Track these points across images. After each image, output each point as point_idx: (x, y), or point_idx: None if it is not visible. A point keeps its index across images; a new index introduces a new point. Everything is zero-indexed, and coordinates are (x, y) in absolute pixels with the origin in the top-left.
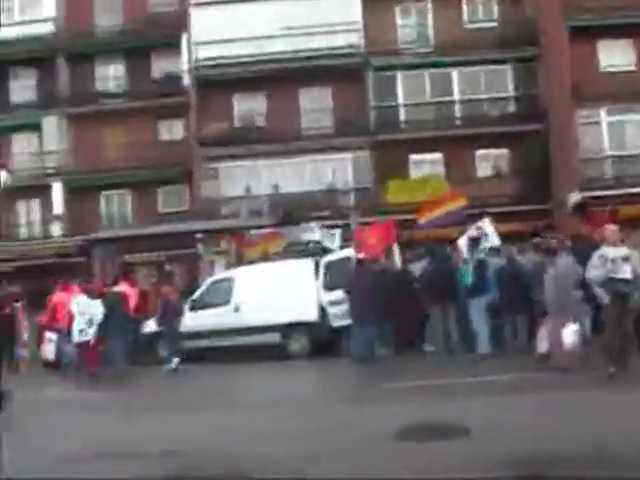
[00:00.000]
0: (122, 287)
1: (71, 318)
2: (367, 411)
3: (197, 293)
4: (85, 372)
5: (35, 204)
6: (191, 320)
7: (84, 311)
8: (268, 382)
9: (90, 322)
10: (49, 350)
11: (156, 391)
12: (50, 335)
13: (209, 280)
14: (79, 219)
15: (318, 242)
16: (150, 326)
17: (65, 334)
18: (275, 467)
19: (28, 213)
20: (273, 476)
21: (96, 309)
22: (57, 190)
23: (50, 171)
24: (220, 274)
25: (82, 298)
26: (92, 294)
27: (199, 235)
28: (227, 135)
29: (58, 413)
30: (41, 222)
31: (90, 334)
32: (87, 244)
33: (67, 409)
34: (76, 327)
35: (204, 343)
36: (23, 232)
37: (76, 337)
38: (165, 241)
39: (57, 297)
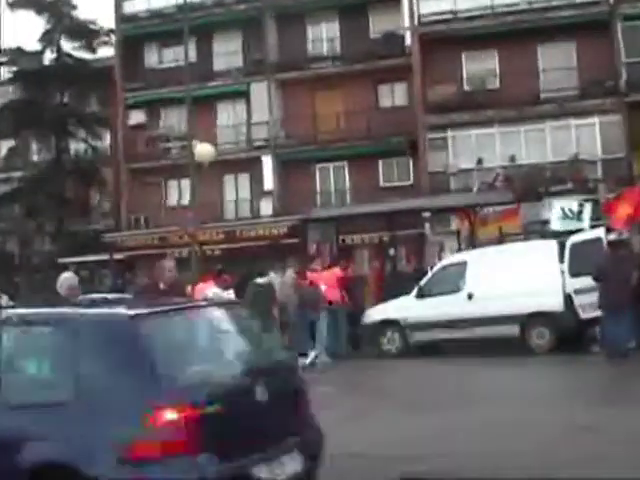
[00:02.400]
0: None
1: None
2: (616, 415)
3: (425, 279)
4: None
5: (243, 180)
6: (418, 309)
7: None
8: (504, 380)
9: None
10: None
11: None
12: None
13: (438, 264)
14: (292, 196)
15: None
16: (372, 316)
17: None
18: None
19: (236, 190)
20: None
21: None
22: (267, 164)
23: (259, 143)
24: (450, 257)
25: (214, 289)
26: (224, 284)
27: (426, 213)
28: (456, 100)
29: None
30: (250, 200)
31: None
32: (301, 224)
33: None
34: None
35: (433, 335)
36: (230, 211)
37: None
38: (387, 220)
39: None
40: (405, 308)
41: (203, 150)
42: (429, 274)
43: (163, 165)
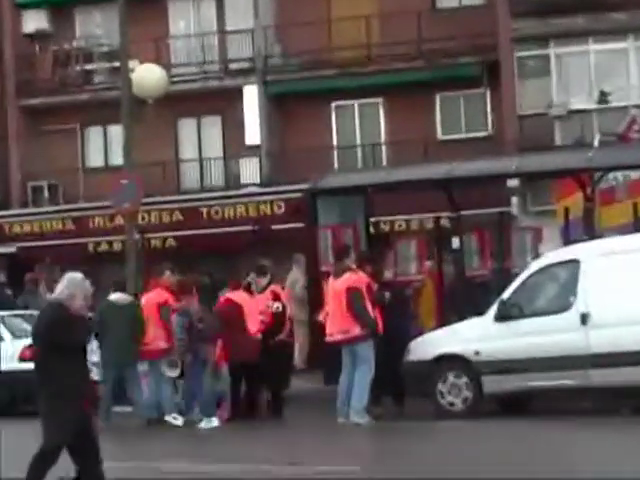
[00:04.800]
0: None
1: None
2: None
3: (510, 289)
4: None
5: (212, 126)
6: (499, 338)
7: None
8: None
9: None
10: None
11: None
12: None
13: (532, 265)
14: (292, 153)
15: None
16: (423, 349)
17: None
18: None
19: (200, 143)
20: None
21: None
22: (252, 100)
23: (238, 65)
24: (553, 254)
25: None
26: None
27: (513, 182)
28: None
29: None
30: (223, 159)
31: None
32: (307, 198)
33: None
34: None
35: (523, 381)
36: (191, 177)
37: None
38: (449, 193)
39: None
40: (478, 337)
41: (147, 76)
42: (517, 281)
43: (80, 101)
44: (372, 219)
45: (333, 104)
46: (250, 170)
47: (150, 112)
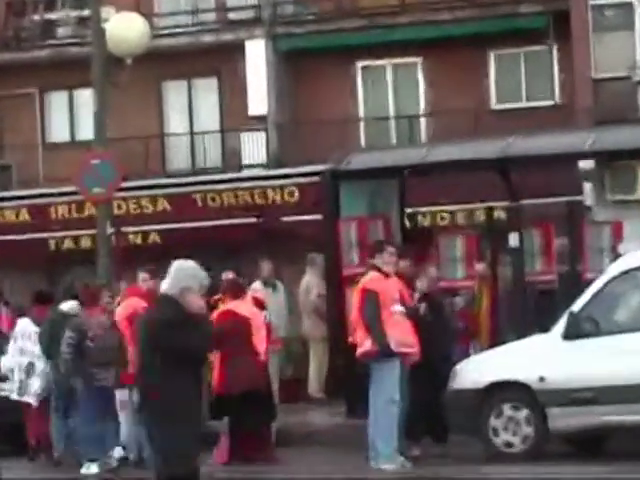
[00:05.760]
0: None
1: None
2: None
3: (582, 299)
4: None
5: (207, 92)
6: (569, 361)
7: (23, 348)
8: None
9: (30, 369)
10: None
11: None
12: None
13: (611, 268)
14: (307, 126)
15: None
16: (470, 374)
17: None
18: None
19: (190, 113)
20: None
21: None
22: (256, 59)
23: (240, 16)
24: (635, 254)
25: (24, 324)
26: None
27: (585, 163)
28: None
29: None
30: (221, 133)
31: (32, 391)
32: (327, 183)
33: None
34: (12, 377)
35: (600, 415)
36: (180, 156)
37: (14, 394)
38: (505, 177)
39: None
40: (542, 359)
41: (124, 28)
42: (591, 289)
43: (40, 60)
44: (408, 210)
45: (359, 64)
46: (254, 147)
47: (128, 73)
